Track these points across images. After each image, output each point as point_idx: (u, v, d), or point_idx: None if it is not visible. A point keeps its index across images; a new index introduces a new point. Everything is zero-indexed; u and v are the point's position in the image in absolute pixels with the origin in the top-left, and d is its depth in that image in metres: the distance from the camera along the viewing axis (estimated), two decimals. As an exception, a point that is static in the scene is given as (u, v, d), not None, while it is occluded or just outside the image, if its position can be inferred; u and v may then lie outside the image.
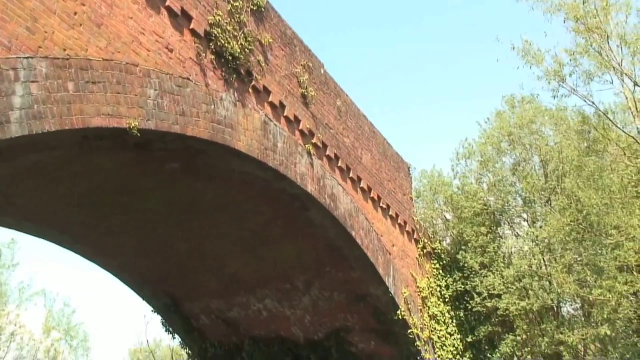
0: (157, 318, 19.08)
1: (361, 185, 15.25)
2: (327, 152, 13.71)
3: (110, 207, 12.91)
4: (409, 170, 19.26)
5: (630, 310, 14.48)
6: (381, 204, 16.27)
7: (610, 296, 14.27)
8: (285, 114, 12.21)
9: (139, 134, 8.48)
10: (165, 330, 19.33)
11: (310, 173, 12.76)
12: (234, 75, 10.72)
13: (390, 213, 16.76)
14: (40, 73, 7.07)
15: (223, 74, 10.49)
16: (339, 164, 14.20)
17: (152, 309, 18.54)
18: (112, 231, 14.16)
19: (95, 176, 11.20)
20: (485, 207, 19.30)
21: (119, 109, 8.19)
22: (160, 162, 10.93)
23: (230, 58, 10.56)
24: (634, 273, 14.50)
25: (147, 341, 45.16)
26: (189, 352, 19.76)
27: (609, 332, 14.72)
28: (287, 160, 11.98)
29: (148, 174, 11.45)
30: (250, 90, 11.21)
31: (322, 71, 14.20)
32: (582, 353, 16.41)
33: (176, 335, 19.47)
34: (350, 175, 14.71)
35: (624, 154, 15.67)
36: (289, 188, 12.45)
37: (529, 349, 16.94)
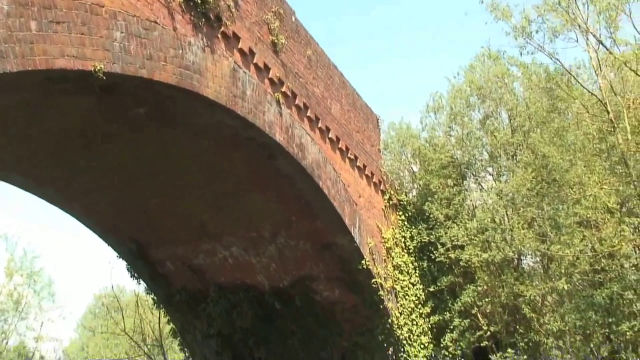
0: (123, 264, 19.06)
1: (330, 136, 15.23)
2: (297, 102, 13.61)
3: (75, 153, 12.70)
4: (377, 122, 19.29)
5: (586, 265, 14.90)
6: (349, 155, 16.31)
7: (569, 251, 14.65)
8: (254, 61, 12.04)
9: (104, 78, 8.29)
10: (131, 276, 19.34)
11: (279, 122, 12.68)
12: (203, 20, 10.48)
13: (358, 164, 16.82)
14: (2, 10, 6.82)
15: (192, 18, 10.26)
16: (308, 114, 14.13)
17: (117, 254, 18.48)
18: (78, 177, 13.96)
19: (60, 120, 10.97)
20: (453, 160, 19.52)
21: (84, 51, 7.97)
22: (126, 107, 10.73)
23: (199, 2, 10.31)
24: (591, 229, 14.88)
25: (112, 287, 45.28)
26: (154, 298, 19.86)
27: (566, 287, 15.16)
28: (255, 108, 11.87)
29: (114, 120, 11.25)
30: (219, 36, 10.99)
31: (293, 19, 13.97)
32: (540, 304, 16.89)
33: (141, 281, 19.51)
34: (319, 125, 14.66)
35: (587, 112, 15.90)
36: (257, 137, 12.37)
37: (489, 299, 17.39)
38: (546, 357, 16.67)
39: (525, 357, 16.40)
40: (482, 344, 17.38)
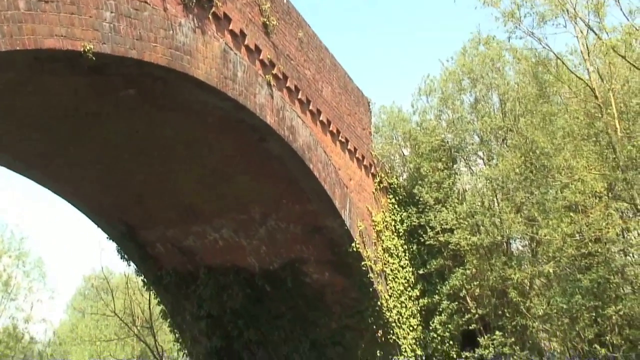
0: (113, 246, 19.06)
1: (321, 119, 15.22)
2: (288, 84, 13.57)
3: (65, 135, 12.65)
4: (368, 105, 19.28)
5: (573, 249, 15.04)
6: (340, 138, 16.31)
7: (556, 235, 14.76)
8: (245, 43, 11.98)
9: (94, 58, 8.24)
10: (121, 258, 19.34)
11: (270, 104, 12.65)
12: (194, 1, 10.41)
13: (348, 147, 16.84)
14: (-11, -11, 6.75)
15: (182, -2, 10.18)
16: (299, 96, 14.10)
17: (107, 236, 18.46)
18: (67, 159, 13.91)
19: (49, 101, 10.90)
20: (443, 144, 19.58)
21: (73, 31, 7.91)
22: (116, 88, 10.68)
23: (190, -18, 10.23)
24: (579, 213, 14.98)
25: (102, 268, 45.29)
26: (144, 279, 19.89)
27: (552, 271, 15.29)
28: (246, 90, 11.83)
29: (104, 101, 11.20)
30: (210, 17, 10.91)
31: (285, 0, 13.89)
32: (528, 288, 17.02)
33: (131, 263, 19.52)
34: (310, 107, 14.64)
35: (576, 97, 15.96)
36: (248, 119, 12.35)
37: (477, 283, 17.54)
38: (533, 340, 16.90)
39: (512, 340, 16.60)
40: (470, 327, 17.55)
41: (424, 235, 18.26)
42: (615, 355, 15.66)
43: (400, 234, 18.64)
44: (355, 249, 16.08)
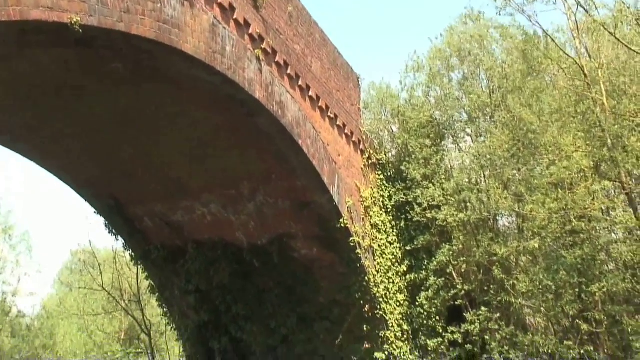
0: (101, 220, 19.02)
1: (310, 94, 15.16)
2: (277, 59, 13.48)
3: (52, 108, 12.54)
4: (358, 81, 19.22)
5: (559, 226, 15.17)
6: (329, 114, 16.28)
7: (542, 212, 14.87)
8: (234, 17, 11.86)
9: (80, 31, 8.14)
10: (109, 232, 19.32)
11: (259, 79, 12.58)
12: (182, -27, 10.28)
13: (337, 123, 16.81)
14: (-26, -41, 6.63)
15: (171, -29, 10.04)
16: (289, 71, 14.03)
17: (95, 210, 18.42)
18: (54, 132, 13.81)
19: (35, 75, 10.78)
20: (431, 120, 19.60)
21: (59, 3, 7.80)
22: (103, 61, 10.57)
23: (178, -46, 10.09)
24: (565, 191, 15.09)
25: (90, 242, 45.23)
26: (132, 254, 19.88)
27: (537, 246, 15.43)
28: (235, 65, 11.75)
29: (91, 75, 11.09)
30: (199, -10, 10.79)
31: (274, -26, 13.74)
32: (514, 265, 17.18)
33: (119, 237, 19.50)
34: (299, 83, 14.58)
35: (564, 74, 15.99)
36: (236, 94, 12.28)
37: (464, 259, 17.68)
38: (518, 316, 17.11)
39: (498, 315, 16.81)
40: (456, 303, 17.74)
41: (411, 212, 18.36)
42: (598, 331, 15.92)
43: (389, 210, 18.72)
44: (343, 225, 16.14)
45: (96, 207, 18.16)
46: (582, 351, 15.33)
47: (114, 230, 19.17)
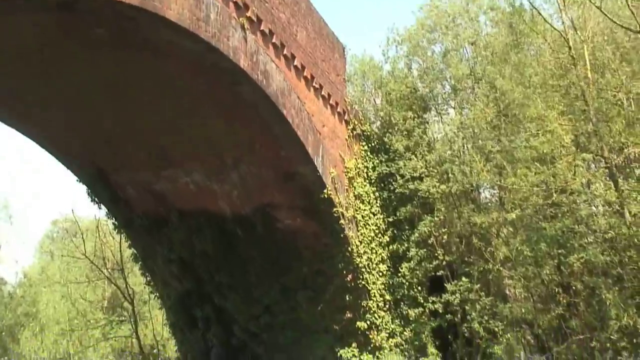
0: (83, 188, 18.91)
1: (295, 64, 15.07)
2: (262, 27, 13.36)
3: (35, 76, 12.39)
4: (343, 52, 19.12)
5: (540, 198, 15.31)
6: (314, 84, 16.20)
7: (523, 184, 14.97)
8: (219, -16, 11.71)
9: (62, -5, 8.01)
10: (91, 200, 19.24)
11: (243, 48, 12.47)
12: (166, -62, 10.10)
13: (322, 93, 16.75)
14: None
15: None
16: (273, 40, 13.91)
17: (77, 178, 18.30)
18: (35, 99, 13.64)
19: (17, 41, 10.61)
20: (414, 92, 19.58)
21: (40, -34, 7.65)
22: (85, 27, 10.43)
23: None
24: (547, 164, 15.19)
25: (72, 211, 44.97)
26: (115, 222, 19.84)
27: (515, 216, 15.55)
28: (219, 33, 11.63)
29: (74, 40, 10.93)
30: (183, -45, 10.61)
31: (260, -60, 13.54)
32: (495, 235, 17.30)
33: (102, 206, 19.43)
34: (284, 52, 14.47)
35: (549, 46, 15.98)
36: (221, 62, 12.18)
37: (445, 230, 17.83)
38: (498, 286, 17.35)
39: (478, 286, 17.02)
40: (437, 273, 17.92)
41: (394, 183, 18.44)
42: (576, 301, 16.21)
43: (372, 181, 18.78)
44: (327, 195, 16.19)
45: (78, 175, 18.06)
46: (559, 320, 15.62)
47: (96, 199, 19.09)
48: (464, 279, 17.19)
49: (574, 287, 16.12)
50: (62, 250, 33.63)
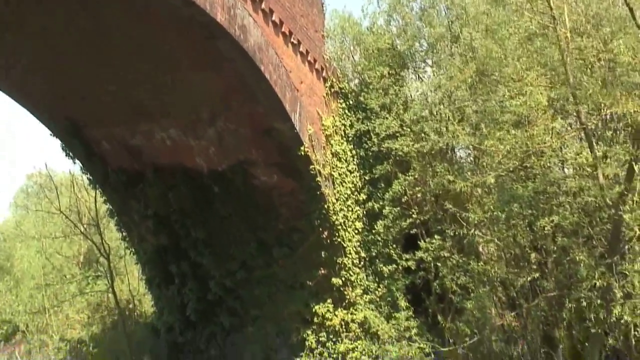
0: (57, 143, 18.66)
1: (273, 19, 14.86)
2: (240, -19, 13.11)
3: (6, 25, 12.10)
4: (322, 7, 18.87)
5: (517, 160, 15.42)
6: (292, 40, 16.02)
7: (502, 147, 15.03)
8: None
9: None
10: (66, 155, 19.01)
11: (221, 1, 12.24)
12: None
13: (300, 49, 16.58)
14: None
15: None
16: (251, -6, 13.68)
17: (50, 132, 18.03)
18: (9, 50, 13.37)
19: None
20: (392, 48, 19.42)
21: None
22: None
23: None
24: (525, 126, 15.25)
25: (46, 165, 44.48)
26: (90, 177, 19.67)
27: (493, 181, 15.66)
28: (196, -15, 11.38)
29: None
30: None
31: None
32: (468, 195, 17.42)
33: (76, 161, 19.22)
34: (262, 6, 14.25)
35: (531, 6, 15.85)
36: (197, 16, 11.96)
37: (419, 188, 17.94)
38: (471, 245, 17.58)
39: (451, 244, 17.25)
40: (412, 231, 18.11)
41: (369, 142, 18.45)
42: (547, 260, 16.54)
43: (350, 139, 18.78)
44: (304, 153, 16.18)
45: (52, 129, 17.79)
46: (530, 278, 15.95)
47: (70, 154, 18.87)
48: (436, 237, 17.39)
49: (545, 248, 16.43)
50: (36, 205, 33.33)
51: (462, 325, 17.15)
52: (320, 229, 17.41)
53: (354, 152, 18.73)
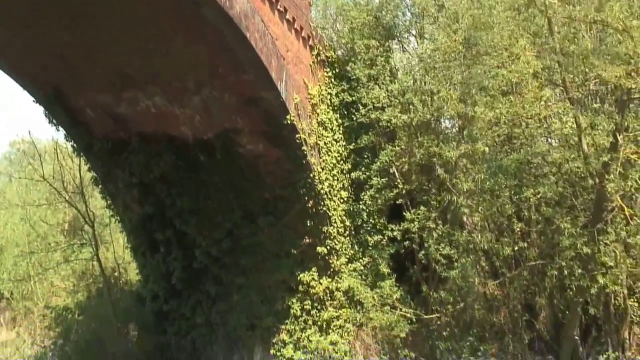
0: (40, 109, 18.45)
1: (259, -15, 14.66)
2: (225, -54, 12.88)
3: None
4: (309, -26, 18.62)
5: (506, 129, 15.47)
6: (278, 7, 15.83)
7: (492, 115, 15.04)
8: None
9: None
10: (49, 122, 18.82)
11: (206, -34, 12.05)
12: None
13: (287, 17, 16.40)
14: None
15: None
16: (237, -40, 13.45)
17: (34, 100, 17.79)
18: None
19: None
20: (376, 20, 19.24)
21: None
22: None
23: None
24: (514, 94, 15.27)
25: (29, 132, 44.03)
26: (74, 145, 19.50)
27: (486, 150, 15.70)
28: (181, -51, 11.19)
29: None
30: None
31: None
32: (453, 166, 17.48)
33: (60, 128, 19.03)
34: (249, -27, 14.04)
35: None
36: (182, -19, 11.79)
37: (405, 159, 17.96)
38: (455, 215, 17.71)
39: (436, 214, 17.37)
40: (397, 201, 18.18)
41: (356, 112, 18.39)
42: (531, 230, 16.74)
43: (336, 108, 18.71)
44: (290, 121, 16.11)
45: (35, 96, 17.56)
46: (515, 248, 16.14)
47: (54, 121, 18.68)
48: (422, 207, 17.48)
49: (529, 217, 16.59)
50: (20, 173, 33.06)
51: (445, 294, 17.38)
52: (306, 198, 17.44)
53: (340, 121, 18.67)
